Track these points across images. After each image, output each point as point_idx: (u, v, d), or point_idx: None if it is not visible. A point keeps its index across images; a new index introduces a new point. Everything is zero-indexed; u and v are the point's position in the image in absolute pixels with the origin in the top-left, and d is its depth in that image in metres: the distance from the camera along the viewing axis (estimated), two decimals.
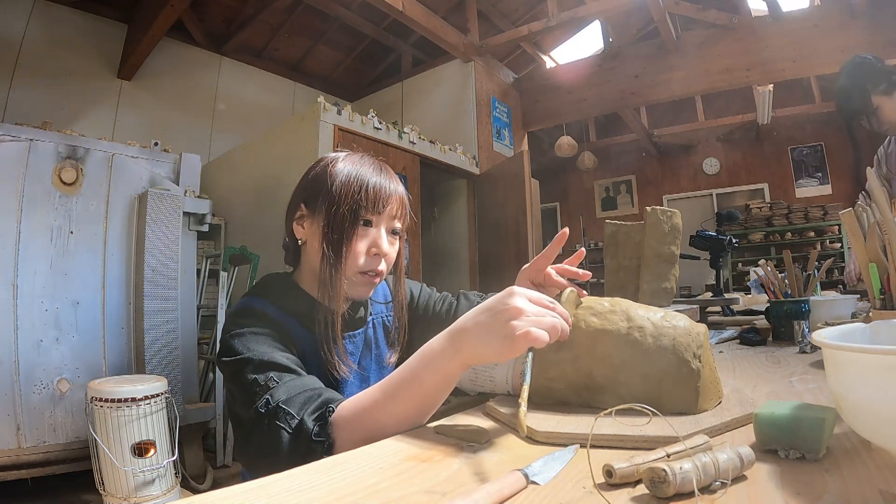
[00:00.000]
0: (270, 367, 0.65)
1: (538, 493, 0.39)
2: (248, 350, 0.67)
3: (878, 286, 0.80)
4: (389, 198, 0.79)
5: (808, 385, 0.71)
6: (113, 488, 1.89)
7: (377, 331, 0.88)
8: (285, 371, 0.65)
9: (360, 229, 0.77)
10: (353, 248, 0.76)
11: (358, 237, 0.77)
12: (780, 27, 4.11)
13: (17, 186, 2.28)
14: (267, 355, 0.66)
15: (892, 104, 1.65)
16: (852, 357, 0.38)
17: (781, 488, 0.36)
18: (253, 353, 0.66)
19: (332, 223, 0.75)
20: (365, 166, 0.79)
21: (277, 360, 0.66)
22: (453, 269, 4.41)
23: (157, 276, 2.55)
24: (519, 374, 0.67)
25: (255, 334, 0.70)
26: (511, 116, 5.00)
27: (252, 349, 0.67)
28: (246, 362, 0.66)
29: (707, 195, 7.50)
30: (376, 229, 0.79)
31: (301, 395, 0.61)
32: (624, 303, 0.64)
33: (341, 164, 0.79)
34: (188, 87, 4.48)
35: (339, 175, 0.77)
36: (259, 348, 0.67)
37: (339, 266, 0.75)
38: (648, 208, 1.37)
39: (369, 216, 0.77)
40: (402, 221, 0.83)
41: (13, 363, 2.19)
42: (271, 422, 0.59)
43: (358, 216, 0.76)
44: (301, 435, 0.57)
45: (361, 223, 0.77)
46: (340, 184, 0.76)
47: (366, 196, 0.76)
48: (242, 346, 0.68)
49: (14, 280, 2.23)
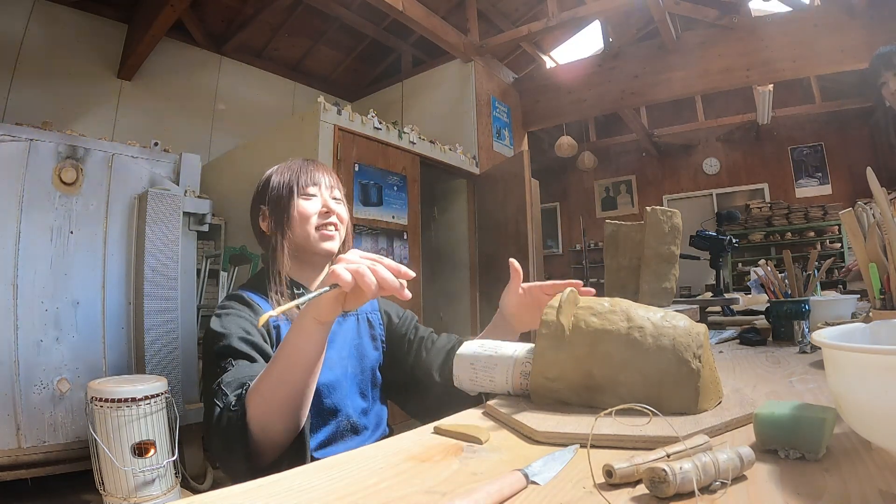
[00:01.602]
0: (230, 352, 0.76)
1: (538, 493, 0.39)
2: (222, 329, 0.80)
3: (878, 286, 0.80)
4: (320, 172, 0.97)
5: (808, 385, 0.71)
6: (113, 488, 1.89)
7: (360, 325, 0.99)
8: (242, 357, 0.76)
9: (302, 199, 0.93)
10: (299, 213, 0.92)
11: (303, 204, 0.93)
12: (780, 27, 4.11)
13: (17, 186, 2.28)
14: (232, 340, 0.77)
15: None
16: (852, 357, 0.38)
17: (781, 488, 0.36)
18: (224, 338, 0.78)
19: (275, 203, 0.94)
20: (294, 163, 0.98)
21: (238, 347, 0.76)
22: (453, 269, 4.41)
23: (157, 276, 2.54)
24: (519, 374, 0.67)
25: (231, 315, 0.83)
26: (511, 116, 5.00)
27: (225, 331, 0.79)
28: (216, 340, 0.78)
29: (707, 195, 7.50)
30: (319, 197, 0.95)
31: (240, 378, 0.70)
32: (624, 303, 0.64)
33: (276, 171, 0.98)
34: (188, 87, 4.48)
35: (275, 174, 0.97)
36: (230, 330, 0.79)
37: (283, 229, 0.92)
38: (648, 208, 1.37)
39: (309, 189, 0.94)
40: (340, 191, 1.00)
41: (13, 363, 2.19)
42: (211, 398, 0.70)
43: (293, 191, 0.93)
44: (224, 409, 0.67)
45: (301, 196, 0.93)
46: (278, 177, 0.96)
47: (299, 175, 0.94)
48: (219, 325, 0.81)
49: (14, 280, 2.23)
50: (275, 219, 0.93)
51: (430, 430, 0.58)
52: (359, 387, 0.94)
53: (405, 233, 3.55)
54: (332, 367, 0.88)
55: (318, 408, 0.85)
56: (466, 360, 0.72)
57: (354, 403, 0.91)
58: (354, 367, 0.94)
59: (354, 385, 0.93)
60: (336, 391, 0.88)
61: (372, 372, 0.98)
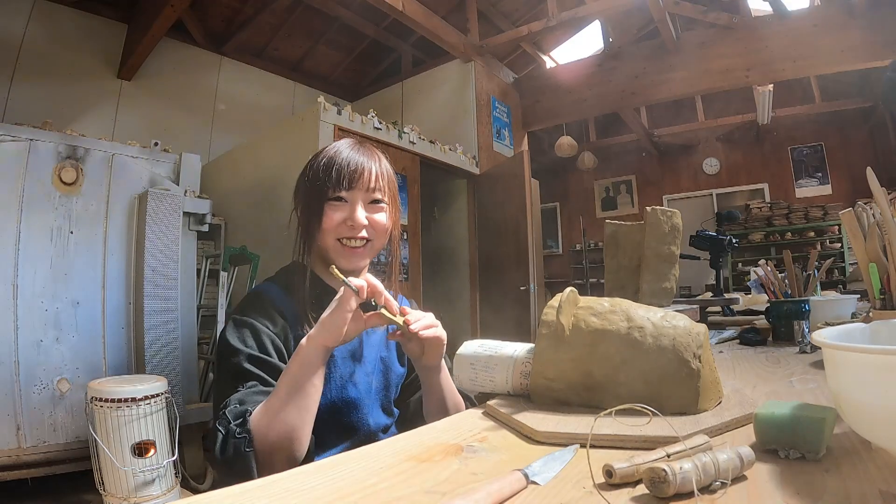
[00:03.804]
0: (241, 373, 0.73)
1: (538, 493, 0.39)
2: (237, 344, 0.76)
3: (878, 286, 0.80)
4: (361, 172, 0.84)
5: (808, 385, 0.71)
6: (113, 488, 1.89)
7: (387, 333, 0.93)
8: (253, 378, 0.73)
9: (330, 205, 0.83)
10: (322, 222, 0.82)
11: (329, 212, 0.82)
12: (780, 27, 4.11)
13: (17, 186, 2.28)
14: (245, 360, 0.74)
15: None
16: (852, 357, 0.38)
17: (781, 488, 0.36)
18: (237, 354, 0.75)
19: (303, 205, 0.85)
20: (340, 147, 0.85)
21: (249, 369, 0.74)
22: (453, 269, 4.41)
23: (157, 276, 2.54)
24: (519, 374, 0.67)
25: (247, 328, 0.78)
26: (511, 116, 5.00)
27: (239, 346, 0.75)
28: (229, 354, 0.75)
29: (707, 195, 7.50)
30: (350, 203, 0.83)
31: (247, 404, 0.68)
32: (624, 303, 0.64)
33: (321, 156, 0.85)
34: (188, 87, 4.48)
35: (314, 162, 0.85)
36: (244, 346, 0.75)
37: (309, 239, 0.84)
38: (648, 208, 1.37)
39: (340, 193, 0.83)
40: (382, 192, 0.86)
41: (13, 363, 2.19)
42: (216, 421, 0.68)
43: (324, 194, 0.82)
44: (228, 435, 0.65)
45: (331, 199, 0.83)
46: (313, 170, 0.84)
47: (336, 174, 0.82)
48: (235, 336, 0.77)
49: (14, 280, 2.23)
50: (302, 222, 0.85)
51: (431, 430, 0.58)
52: (381, 403, 0.89)
53: (405, 233, 3.56)
54: (356, 383, 0.84)
55: (338, 425, 0.81)
56: (466, 360, 0.72)
57: (377, 421, 0.86)
58: (379, 383, 0.89)
59: (377, 402, 0.88)
60: (359, 409, 0.84)
61: (396, 387, 0.93)
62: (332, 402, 0.80)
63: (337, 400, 0.81)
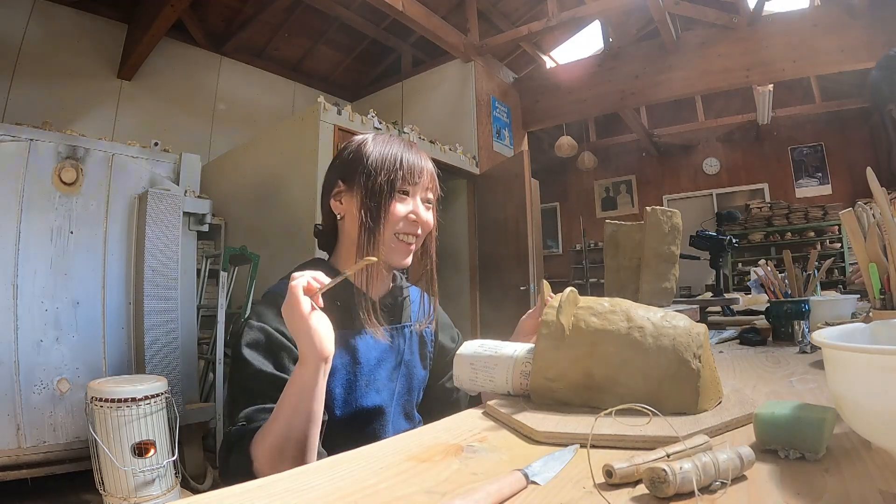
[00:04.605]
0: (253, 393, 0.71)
1: (538, 493, 0.39)
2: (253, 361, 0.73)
3: (878, 286, 0.80)
4: (422, 171, 0.85)
5: (808, 385, 0.71)
6: (113, 488, 1.89)
7: (412, 339, 0.91)
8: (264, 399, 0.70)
9: (397, 197, 0.82)
10: (391, 213, 0.81)
11: (395, 205, 0.82)
12: (781, 27, 4.10)
13: (17, 186, 2.28)
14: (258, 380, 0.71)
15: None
16: (852, 357, 0.38)
17: (781, 488, 0.36)
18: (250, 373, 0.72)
19: (370, 192, 0.81)
20: (395, 144, 0.86)
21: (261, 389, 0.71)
22: (453, 269, 4.41)
23: (157, 276, 2.54)
24: (519, 374, 0.67)
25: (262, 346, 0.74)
26: (511, 116, 5.00)
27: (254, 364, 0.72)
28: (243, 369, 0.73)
29: (707, 195, 7.50)
30: (413, 198, 0.84)
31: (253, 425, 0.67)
32: (624, 303, 0.64)
33: (372, 144, 0.85)
34: (188, 87, 4.48)
35: (373, 151, 0.83)
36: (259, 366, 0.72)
37: (377, 230, 0.80)
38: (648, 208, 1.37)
39: (406, 186, 0.83)
40: (433, 193, 0.88)
41: (13, 363, 2.19)
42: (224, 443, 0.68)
43: (394, 186, 0.81)
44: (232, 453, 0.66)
45: (400, 192, 0.82)
46: (376, 158, 0.82)
47: (401, 168, 0.82)
48: (250, 352, 0.73)
49: (14, 280, 2.23)
50: (369, 211, 0.80)
51: (431, 430, 0.58)
52: (404, 408, 0.87)
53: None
54: (379, 389, 0.81)
55: (358, 433, 0.78)
56: (466, 360, 0.72)
57: (398, 427, 0.84)
58: (402, 387, 0.86)
59: (400, 407, 0.86)
60: (380, 416, 0.81)
61: (418, 392, 0.91)
62: (354, 410, 0.78)
63: (359, 407, 0.79)
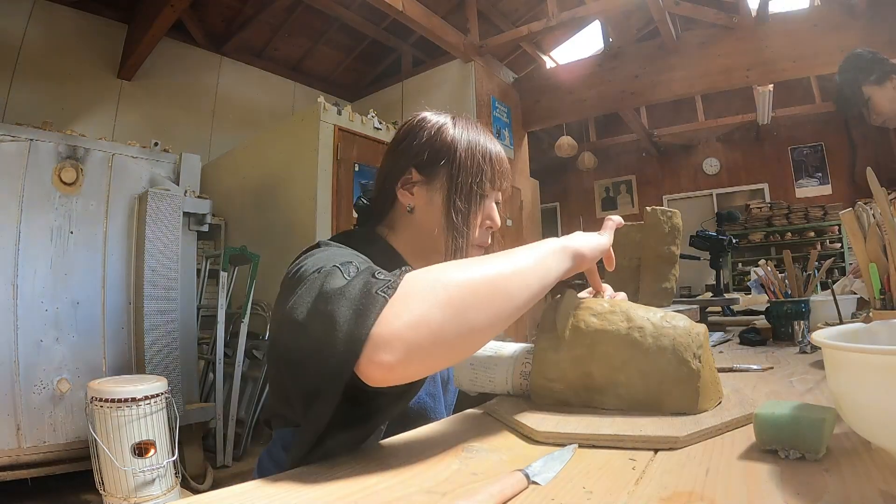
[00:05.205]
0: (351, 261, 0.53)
1: (539, 493, 0.39)
2: (324, 259, 0.55)
3: (878, 286, 0.80)
4: (508, 172, 0.78)
5: (808, 385, 0.71)
6: (113, 488, 1.89)
7: None
8: None
9: (488, 196, 0.75)
10: (483, 217, 0.75)
11: (486, 207, 0.75)
12: (781, 27, 4.10)
13: (17, 186, 2.28)
14: (355, 260, 0.54)
15: (883, 94, 1.63)
16: (852, 357, 0.38)
17: (781, 488, 0.36)
18: (329, 260, 0.53)
19: (460, 194, 0.71)
20: (481, 134, 0.77)
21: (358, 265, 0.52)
22: None
23: (157, 277, 2.54)
24: (519, 374, 0.67)
25: (332, 248, 0.61)
26: (511, 116, 5.00)
27: (328, 259, 0.54)
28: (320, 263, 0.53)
29: (707, 195, 7.50)
30: (490, 201, 0.77)
31: None
32: (624, 303, 0.64)
33: (459, 131, 0.75)
34: (188, 87, 4.48)
35: (460, 142, 0.73)
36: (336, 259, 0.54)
37: (470, 234, 0.72)
38: (648, 208, 1.37)
39: (492, 189, 0.75)
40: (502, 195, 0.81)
41: (13, 363, 2.19)
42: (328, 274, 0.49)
43: (484, 189, 0.74)
44: (367, 281, 0.46)
45: (493, 190, 0.75)
46: (465, 152, 0.73)
47: (491, 168, 0.74)
48: (313, 262, 0.54)
49: (14, 280, 2.23)
50: (460, 215, 0.71)
51: (431, 430, 0.57)
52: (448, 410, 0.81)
53: None
54: (432, 394, 0.74)
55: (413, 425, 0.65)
56: (466, 360, 0.72)
57: None
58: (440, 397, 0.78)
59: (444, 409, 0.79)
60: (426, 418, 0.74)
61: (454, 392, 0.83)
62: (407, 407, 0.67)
63: (413, 405, 0.72)
